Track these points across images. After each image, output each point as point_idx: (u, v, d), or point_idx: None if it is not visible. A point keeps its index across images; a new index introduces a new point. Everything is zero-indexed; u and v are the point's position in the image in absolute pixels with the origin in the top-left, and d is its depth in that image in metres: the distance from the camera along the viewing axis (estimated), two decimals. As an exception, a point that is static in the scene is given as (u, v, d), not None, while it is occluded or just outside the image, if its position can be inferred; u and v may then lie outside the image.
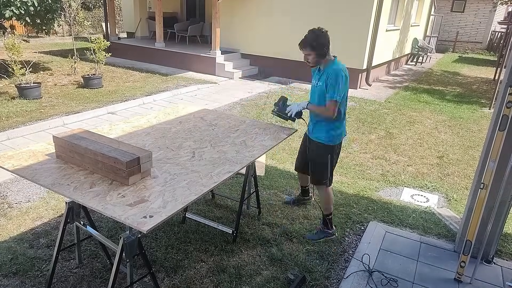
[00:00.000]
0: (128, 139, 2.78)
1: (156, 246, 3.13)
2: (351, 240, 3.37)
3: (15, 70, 6.89)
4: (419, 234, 3.49)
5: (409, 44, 13.71)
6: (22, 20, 8.20)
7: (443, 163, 5.21)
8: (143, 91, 8.27)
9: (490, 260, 3.03)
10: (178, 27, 12.38)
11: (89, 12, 19.40)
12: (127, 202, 1.94)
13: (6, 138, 5.34)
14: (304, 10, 9.69)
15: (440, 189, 4.47)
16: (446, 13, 19.14)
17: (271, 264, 2.99)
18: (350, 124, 6.64)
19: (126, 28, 14.36)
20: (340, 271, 2.97)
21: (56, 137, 2.35)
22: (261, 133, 3.16)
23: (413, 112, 7.69)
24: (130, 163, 2.06)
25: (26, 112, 6.41)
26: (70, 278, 2.74)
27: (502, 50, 11.76)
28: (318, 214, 3.72)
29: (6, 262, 2.85)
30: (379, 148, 5.63)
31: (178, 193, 2.06)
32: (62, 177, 2.15)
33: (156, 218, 1.82)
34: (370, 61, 9.52)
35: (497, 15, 18.74)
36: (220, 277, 2.82)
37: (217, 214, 3.66)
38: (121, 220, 1.80)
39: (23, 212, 3.54)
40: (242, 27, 10.78)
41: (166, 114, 3.49)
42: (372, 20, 9.01)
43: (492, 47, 18.72)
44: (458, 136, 6.34)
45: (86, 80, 8.26)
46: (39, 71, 9.55)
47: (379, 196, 4.21)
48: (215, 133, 3.09)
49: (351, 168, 4.86)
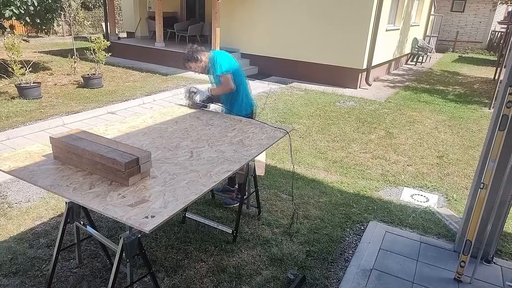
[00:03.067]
0: (125, 139, 2.78)
1: (156, 246, 3.13)
2: (351, 240, 3.37)
3: (15, 70, 6.89)
4: (419, 234, 3.49)
5: (409, 44, 13.71)
6: (22, 20, 8.19)
7: (443, 163, 5.21)
8: (143, 91, 8.27)
9: (490, 260, 3.03)
10: (178, 27, 12.38)
11: (89, 11, 19.39)
12: (127, 202, 1.94)
13: (6, 138, 5.34)
14: (304, 10, 9.68)
15: (440, 189, 4.47)
16: (446, 13, 19.13)
17: (271, 264, 2.99)
18: (350, 124, 6.65)
19: (126, 28, 14.35)
20: (340, 271, 2.97)
21: (53, 138, 2.34)
22: (258, 132, 3.16)
23: (413, 112, 7.69)
24: (129, 164, 2.05)
25: (26, 112, 6.41)
26: (70, 278, 2.74)
27: (502, 50, 11.76)
28: (318, 214, 3.72)
29: (6, 262, 2.85)
30: (379, 148, 5.63)
31: (179, 192, 2.06)
32: (60, 178, 2.14)
33: (157, 218, 1.82)
34: (370, 61, 9.52)
35: (497, 15, 18.73)
36: (220, 277, 2.82)
37: (217, 214, 3.66)
38: (123, 221, 1.80)
39: (23, 212, 3.54)
40: (242, 27, 10.78)
41: (162, 114, 3.49)
42: (372, 20, 9.01)
43: (492, 47, 18.72)
44: (458, 136, 6.34)
45: (86, 80, 8.26)
46: (39, 71, 9.55)
47: (379, 196, 4.21)
48: (212, 132, 3.09)
49: (351, 168, 4.86)
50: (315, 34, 9.72)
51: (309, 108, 7.56)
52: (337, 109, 7.59)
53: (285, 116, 6.89)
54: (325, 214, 3.74)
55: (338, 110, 7.51)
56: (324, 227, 3.51)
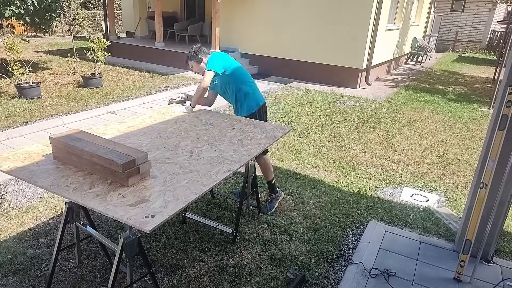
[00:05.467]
0: (124, 139, 2.78)
1: (156, 245, 3.13)
2: (350, 240, 3.38)
3: (15, 69, 6.89)
4: (418, 233, 3.50)
5: (408, 44, 13.71)
6: (22, 20, 8.19)
7: (442, 162, 5.21)
8: (142, 91, 8.27)
9: (489, 260, 3.03)
10: (177, 26, 12.37)
11: (88, 11, 19.39)
12: (128, 202, 1.94)
13: (6, 138, 5.34)
14: (304, 10, 9.68)
15: (439, 188, 4.47)
16: (445, 12, 19.15)
17: (271, 263, 2.99)
18: (350, 124, 6.65)
19: (126, 27, 14.35)
20: (339, 270, 2.97)
21: (52, 138, 2.34)
22: (257, 131, 3.16)
23: (412, 111, 7.69)
24: (126, 165, 2.05)
25: (25, 112, 6.41)
26: (69, 278, 2.73)
27: (502, 50, 11.76)
28: (318, 213, 3.72)
29: (6, 262, 2.85)
30: (379, 147, 5.63)
31: (179, 192, 2.06)
32: (60, 178, 2.14)
33: (158, 217, 1.82)
34: (369, 60, 9.52)
35: (497, 15, 18.74)
36: (219, 276, 2.82)
37: (217, 214, 3.66)
38: (123, 221, 1.80)
39: (23, 212, 3.54)
40: (241, 26, 10.78)
41: (161, 114, 3.49)
42: (372, 20, 9.01)
43: (492, 47, 18.73)
44: (458, 136, 6.34)
45: (86, 79, 8.25)
46: (38, 70, 9.54)
47: (378, 195, 4.21)
48: (211, 132, 3.09)
49: (350, 168, 4.86)
50: (315, 34, 9.71)
51: (309, 108, 7.56)
52: (337, 109, 7.59)
53: (285, 116, 6.88)
54: (325, 213, 3.74)
55: (338, 110, 7.51)
56: (324, 227, 3.51)
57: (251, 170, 3.33)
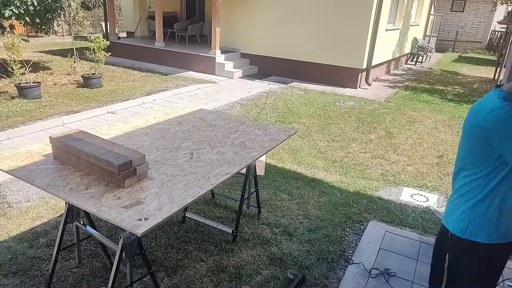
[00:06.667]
0: (126, 140, 2.78)
1: (156, 245, 3.13)
2: (350, 240, 3.38)
3: (15, 69, 6.89)
4: (418, 233, 3.50)
5: (409, 44, 13.71)
6: (22, 20, 8.19)
7: (442, 162, 5.21)
8: (142, 91, 8.27)
9: (489, 260, 3.01)
10: (178, 26, 12.37)
11: (88, 11, 19.38)
12: (122, 204, 1.92)
13: (6, 138, 5.34)
14: (304, 10, 9.68)
15: (439, 188, 4.47)
16: (446, 12, 19.14)
17: (271, 263, 2.99)
18: (350, 124, 6.65)
19: (126, 27, 14.34)
20: (339, 270, 2.97)
21: (52, 138, 2.34)
22: (261, 134, 3.15)
23: (413, 111, 7.69)
24: (122, 166, 2.04)
25: (25, 112, 6.41)
26: (69, 278, 2.73)
27: (502, 50, 11.77)
28: (318, 213, 3.72)
29: (6, 262, 2.85)
30: (379, 147, 5.63)
31: (175, 195, 2.04)
32: (58, 178, 2.13)
33: (151, 220, 1.80)
34: (370, 60, 9.52)
35: (497, 15, 18.74)
36: (220, 276, 2.82)
37: (217, 214, 3.66)
38: (116, 223, 1.78)
39: (23, 212, 3.54)
40: (242, 26, 10.78)
41: (166, 114, 3.48)
42: (372, 20, 9.01)
43: (492, 47, 18.73)
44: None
45: (86, 79, 8.26)
46: (38, 70, 9.54)
47: (378, 195, 4.21)
48: (215, 134, 3.08)
49: (350, 168, 4.86)
50: (315, 34, 9.72)
51: (309, 108, 7.56)
52: (337, 109, 7.59)
53: (285, 116, 6.89)
54: (325, 213, 3.74)
55: (338, 110, 7.51)
56: (324, 227, 3.52)
57: (252, 171, 3.33)
